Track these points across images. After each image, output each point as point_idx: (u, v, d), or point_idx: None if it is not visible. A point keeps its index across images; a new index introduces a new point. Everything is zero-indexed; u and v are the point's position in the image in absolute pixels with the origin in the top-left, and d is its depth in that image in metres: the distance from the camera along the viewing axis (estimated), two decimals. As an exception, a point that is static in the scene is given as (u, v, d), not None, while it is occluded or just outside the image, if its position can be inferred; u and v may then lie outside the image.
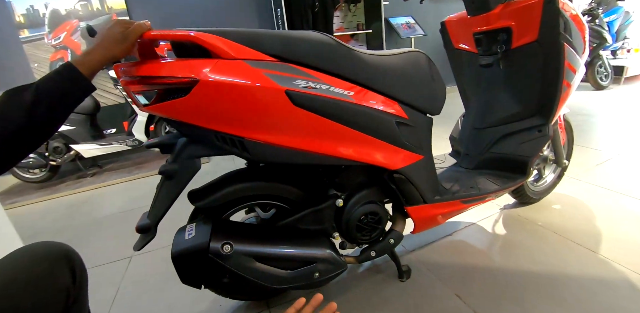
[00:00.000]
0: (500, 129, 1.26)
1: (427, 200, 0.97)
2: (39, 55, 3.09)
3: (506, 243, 1.28)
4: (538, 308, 0.96)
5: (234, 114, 0.69)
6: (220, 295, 1.00)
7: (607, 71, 3.92)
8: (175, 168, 0.78)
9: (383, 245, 0.98)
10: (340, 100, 0.76)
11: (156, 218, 0.80)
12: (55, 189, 2.66)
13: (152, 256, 1.50)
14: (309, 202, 0.92)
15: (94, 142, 2.75)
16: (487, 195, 1.11)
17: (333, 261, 0.86)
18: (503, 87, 1.27)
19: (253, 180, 0.89)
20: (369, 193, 0.95)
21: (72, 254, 0.64)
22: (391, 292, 1.08)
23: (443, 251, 1.27)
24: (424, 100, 0.94)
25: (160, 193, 0.81)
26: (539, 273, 1.10)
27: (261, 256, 0.79)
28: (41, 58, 3.10)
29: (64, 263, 0.61)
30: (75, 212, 2.18)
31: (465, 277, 1.11)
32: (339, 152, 0.79)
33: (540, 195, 1.53)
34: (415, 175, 0.92)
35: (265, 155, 0.75)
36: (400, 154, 0.89)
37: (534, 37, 1.12)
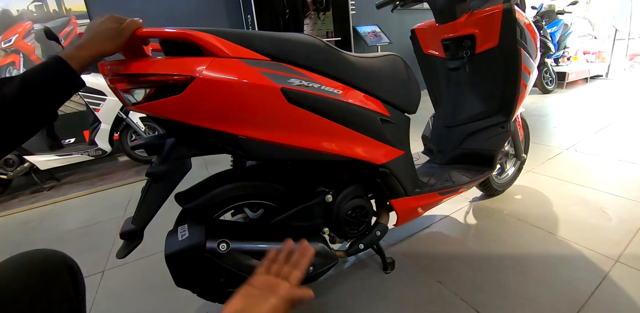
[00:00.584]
0: (468, 126, 1.37)
1: (409, 192, 1.04)
2: (-18, 60, 2.84)
3: (478, 231, 1.39)
4: (512, 286, 1.05)
5: (229, 112, 0.71)
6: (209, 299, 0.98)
7: (552, 77, 4.35)
8: (163, 170, 0.77)
9: (370, 237, 1.03)
10: (331, 98, 0.80)
11: (142, 223, 0.77)
12: (7, 206, 2.44)
13: (126, 268, 1.42)
14: (296, 200, 0.94)
15: (51, 153, 2.57)
16: (461, 186, 1.20)
17: (326, 254, 0.89)
18: (469, 89, 1.38)
19: (241, 180, 0.90)
20: (356, 189, 0.99)
21: (72, 263, 0.61)
22: (378, 283, 1.13)
23: (422, 242, 1.34)
24: (403, 99, 1.01)
25: (147, 196, 0.77)
26: (509, 255, 1.21)
27: (257, 253, 0.79)
28: (-12, 63, 2.86)
29: (65, 273, 0.58)
30: (32, 229, 2.00)
31: (445, 265, 1.19)
32: (331, 148, 0.83)
33: (503, 187, 1.67)
34: (397, 169, 0.98)
35: (259, 152, 0.76)
36: (384, 149, 0.95)
37: (495, 43, 1.24)
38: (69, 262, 0.60)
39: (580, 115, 3.14)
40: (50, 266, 0.56)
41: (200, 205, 0.84)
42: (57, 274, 0.56)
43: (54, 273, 0.56)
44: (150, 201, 0.77)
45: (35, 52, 2.97)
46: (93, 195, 2.45)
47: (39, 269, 0.55)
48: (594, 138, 2.42)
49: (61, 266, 0.58)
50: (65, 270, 0.58)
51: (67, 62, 0.57)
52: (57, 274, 0.56)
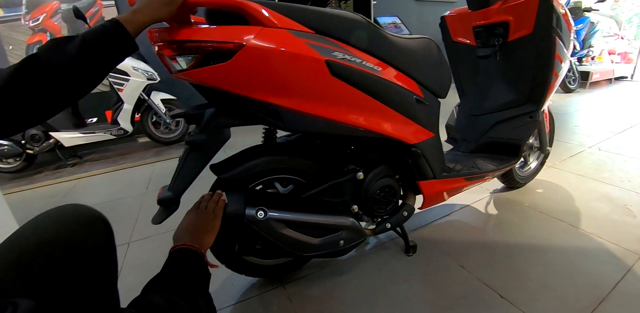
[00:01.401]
0: (495, 115, 1.36)
1: (437, 175, 1.04)
2: (14, 37, 2.90)
3: (498, 221, 1.39)
4: (531, 274, 1.06)
5: (273, 82, 0.72)
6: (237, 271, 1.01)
7: (575, 76, 4.25)
8: (202, 139, 0.78)
9: (397, 217, 1.04)
10: (371, 74, 0.81)
11: (179, 190, 0.79)
12: (32, 179, 2.52)
13: (151, 241, 1.47)
14: (326, 177, 0.96)
15: (75, 130, 2.63)
16: (486, 173, 1.20)
17: (356, 229, 0.91)
18: (498, 77, 1.37)
19: (275, 154, 0.92)
20: (386, 168, 1.00)
21: (105, 218, 0.63)
22: (400, 265, 1.14)
23: (443, 229, 1.35)
24: (435, 82, 1.01)
25: (185, 164, 0.79)
26: (529, 245, 1.21)
27: (292, 222, 0.82)
28: (17, 40, 2.92)
29: (100, 224, 0.60)
30: (56, 203, 2.04)
31: (466, 251, 1.19)
32: (367, 125, 0.84)
33: (525, 180, 1.66)
34: (428, 151, 0.99)
35: (298, 124, 0.78)
36: (417, 129, 0.95)
37: (529, 31, 1.22)
38: (100, 215, 0.62)
39: (603, 115, 3.07)
40: (86, 218, 0.59)
41: (236, 175, 0.86)
42: (93, 226, 0.58)
43: (90, 224, 0.58)
44: (188, 169, 0.79)
45: (62, 32, 3.02)
46: (114, 173, 2.52)
47: (77, 221, 0.57)
48: (618, 138, 2.37)
49: (95, 218, 0.60)
50: (100, 222, 0.60)
51: (124, 25, 0.59)
52: (92, 226, 0.58)
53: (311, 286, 1.09)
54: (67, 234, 0.55)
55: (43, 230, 0.55)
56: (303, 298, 1.04)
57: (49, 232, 0.54)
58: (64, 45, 0.55)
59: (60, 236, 0.54)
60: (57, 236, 0.54)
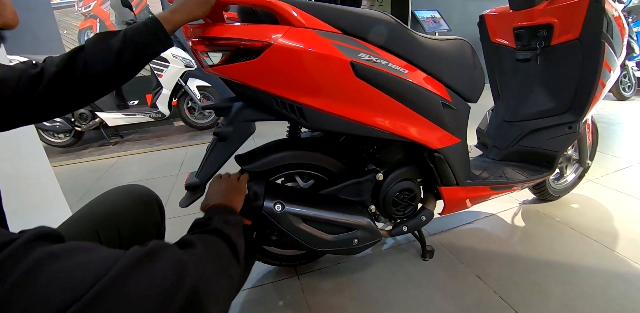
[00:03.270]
0: (531, 123, 1.28)
1: (460, 182, 1.01)
2: (68, 22, 3.12)
3: (525, 234, 1.33)
4: (554, 293, 1.01)
5: (299, 80, 0.73)
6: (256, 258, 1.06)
7: (631, 82, 3.87)
8: (229, 131, 0.82)
9: (415, 221, 1.03)
10: (397, 76, 0.80)
11: (206, 178, 0.84)
12: (79, 154, 2.74)
13: (179, 220, 1.55)
14: (347, 175, 0.96)
15: (118, 111, 2.81)
16: (515, 184, 1.14)
17: (371, 230, 0.91)
18: (538, 83, 1.29)
19: (298, 149, 0.93)
20: (407, 171, 0.99)
21: (158, 197, 0.75)
22: (414, 269, 1.14)
23: (464, 236, 1.32)
24: (466, 86, 0.97)
25: (212, 154, 0.84)
26: (556, 262, 1.15)
27: (308, 218, 0.84)
28: (71, 25, 3.14)
29: (154, 202, 0.71)
30: (99, 178, 2.24)
31: (486, 261, 1.16)
32: (389, 127, 0.83)
33: (560, 193, 1.56)
34: (452, 157, 0.96)
35: (320, 122, 0.79)
36: (441, 134, 0.93)
37: (575, 35, 1.13)
38: (156, 195, 0.74)
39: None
40: (146, 197, 0.70)
41: (259, 167, 0.88)
42: (151, 203, 0.70)
43: (149, 203, 0.70)
44: (214, 158, 0.84)
45: (110, 18, 3.20)
46: (151, 154, 2.68)
47: (139, 199, 0.69)
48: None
49: (152, 198, 0.72)
50: (155, 201, 0.72)
51: (162, 24, 0.64)
52: (150, 203, 0.70)
53: (324, 279, 1.12)
54: (132, 210, 0.66)
55: (115, 204, 0.66)
56: (315, 290, 1.07)
57: (119, 206, 0.66)
58: (108, 39, 0.60)
59: (126, 211, 0.65)
60: (123, 210, 0.65)
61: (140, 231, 0.66)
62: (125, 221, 0.64)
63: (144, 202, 0.69)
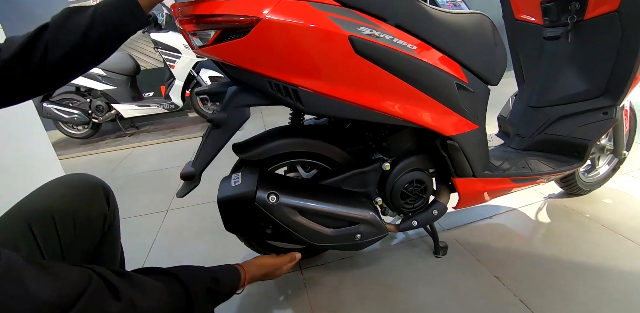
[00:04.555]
0: (560, 108, 1.16)
1: (477, 173, 0.92)
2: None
3: (550, 232, 1.22)
4: (581, 297, 0.91)
5: (292, 59, 0.66)
6: (256, 250, 1.02)
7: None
8: (224, 117, 0.78)
9: (426, 215, 0.95)
10: (403, 53, 0.71)
11: (201, 166, 0.81)
12: (96, 145, 2.80)
13: (186, 211, 1.56)
14: (352, 165, 0.89)
15: (133, 103, 2.83)
16: (539, 176, 1.04)
17: (376, 224, 0.84)
18: (568, 63, 1.15)
19: (299, 137, 0.87)
20: (417, 161, 0.91)
21: (107, 186, 0.68)
22: (426, 266, 1.06)
23: (481, 232, 1.22)
24: (485, 66, 0.87)
25: (207, 141, 0.81)
26: (584, 263, 1.04)
27: (306, 210, 0.78)
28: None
29: (100, 191, 0.64)
30: (114, 168, 2.28)
31: (505, 260, 1.07)
32: (395, 110, 0.75)
33: (590, 186, 1.43)
34: (468, 145, 0.87)
35: (318, 106, 0.72)
36: (456, 119, 0.84)
37: (613, 7, 0.99)
38: (103, 183, 0.67)
39: None
40: (88, 185, 0.63)
41: (256, 156, 0.83)
42: (95, 192, 0.63)
43: (92, 191, 0.63)
44: (209, 146, 0.80)
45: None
46: (165, 144, 2.70)
47: (79, 189, 0.62)
48: None
49: (97, 186, 0.65)
50: (101, 189, 0.65)
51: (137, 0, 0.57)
52: (94, 192, 0.63)
53: (327, 274, 1.06)
54: (70, 202, 0.59)
55: (49, 196, 0.59)
56: (318, 285, 1.02)
57: (54, 198, 0.59)
58: (76, 16, 0.54)
59: (63, 203, 0.58)
60: (60, 203, 0.58)
61: (82, 224, 0.59)
62: (63, 214, 0.57)
63: (86, 192, 0.62)
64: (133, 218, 1.56)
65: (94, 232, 0.61)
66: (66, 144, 2.95)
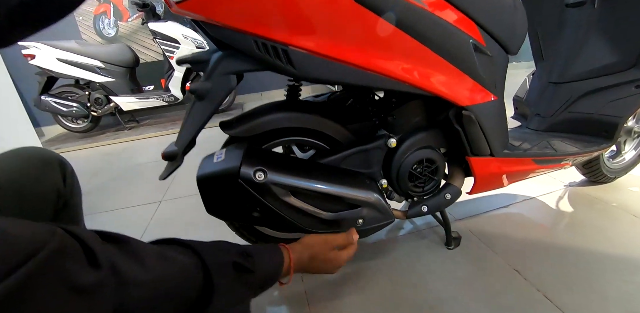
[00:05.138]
0: (585, 83, 1.04)
1: (495, 152, 0.81)
2: (83, 8, 3.09)
3: (574, 221, 1.10)
4: (614, 292, 0.80)
5: (279, 12, 0.57)
6: (246, 239, 0.92)
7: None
8: (207, 87, 0.70)
9: (437, 200, 0.84)
10: (413, 4, 0.61)
11: (184, 144, 0.73)
12: (96, 139, 2.74)
13: (180, 202, 1.49)
14: (353, 144, 0.80)
15: (132, 96, 2.77)
16: (565, 157, 0.92)
17: (381, 208, 0.74)
18: (595, 32, 1.03)
19: (294, 111, 0.78)
20: (427, 137, 0.80)
21: (64, 161, 0.60)
22: (437, 258, 0.96)
23: (497, 222, 1.11)
24: (504, 30, 0.76)
25: (189, 116, 0.74)
26: (614, 255, 0.92)
27: (299, 190, 0.67)
28: (85, 11, 3.11)
29: (56, 165, 0.57)
30: (112, 159, 2.23)
31: (525, 252, 0.96)
32: (402, 74, 0.64)
33: (616, 173, 1.30)
34: (485, 118, 0.76)
35: (312, 69, 0.62)
36: (472, 87, 0.73)
37: None
38: (60, 158, 0.59)
39: None
40: (41, 159, 0.56)
41: (246, 132, 0.75)
42: (48, 167, 0.56)
43: (44, 165, 0.55)
44: (192, 121, 0.72)
45: (123, 3, 3.14)
46: (164, 137, 2.64)
47: (30, 161, 0.55)
48: None
49: (52, 160, 0.57)
50: (56, 164, 0.57)
51: None
52: (47, 166, 0.56)
53: (327, 268, 0.97)
54: (18, 174, 0.52)
55: None
56: (317, 280, 0.92)
57: (4, 172, 0.51)
58: None
59: (10, 175, 0.51)
60: (8, 175, 0.51)
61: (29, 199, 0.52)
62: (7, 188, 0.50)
63: (38, 165, 0.55)
64: (125, 209, 1.49)
65: (43, 208, 0.54)
66: (66, 138, 2.91)
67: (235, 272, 0.46)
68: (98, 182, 1.85)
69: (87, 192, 1.74)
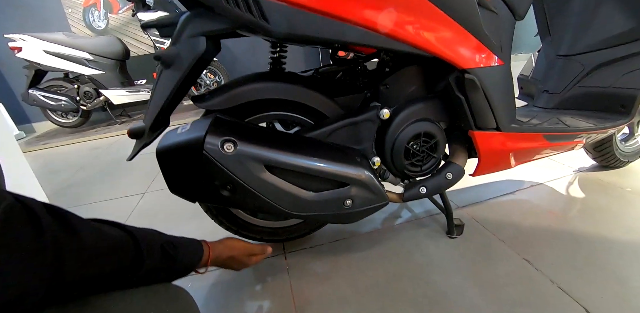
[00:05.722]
0: (598, 54, 0.95)
1: (502, 125, 0.72)
2: (72, 1, 3.01)
3: (586, 207, 1.01)
4: (635, 281, 0.71)
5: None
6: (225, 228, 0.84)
7: None
8: (174, 52, 0.62)
9: (437, 180, 0.74)
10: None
11: (151, 119, 0.66)
12: (85, 134, 2.67)
13: (164, 193, 1.40)
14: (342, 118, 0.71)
15: (122, 89, 2.68)
16: (579, 133, 0.83)
17: (373, 188, 0.64)
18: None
19: (275, 81, 0.69)
20: (424, 108, 0.71)
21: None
22: (439, 248, 0.87)
23: (502, 209, 1.02)
24: None
25: (157, 86, 0.66)
26: (632, 242, 0.84)
27: (275, 164, 0.58)
28: (75, 3, 3.02)
29: None
30: (98, 154, 2.14)
31: (534, 240, 0.87)
32: (394, 30, 0.55)
33: (629, 157, 1.21)
34: (490, 84, 0.67)
35: (292, 24, 0.54)
36: (476, 47, 0.64)
37: None
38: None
39: None
40: None
41: (220, 104, 0.67)
42: None
43: None
44: (160, 91, 0.65)
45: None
46: (154, 132, 2.54)
47: None
48: None
49: None
50: None
51: None
52: None
53: (316, 260, 0.88)
54: None
55: None
56: (304, 272, 0.84)
57: None
58: None
59: None
60: None
61: None
62: None
63: None
64: (107, 201, 1.41)
65: None
66: (56, 134, 2.83)
67: (162, 254, 0.48)
68: (84, 175, 1.77)
69: (71, 185, 1.68)
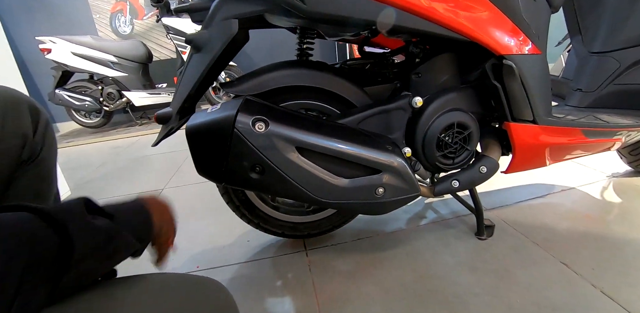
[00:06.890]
0: (636, 50, 0.91)
1: (539, 118, 0.69)
2: (101, 6, 3.12)
3: (625, 212, 0.96)
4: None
5: None
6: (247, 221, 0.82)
7: None
8: (205, 36, 0.62)
9: (471, 174, 0.71)
10: None
11: (179, 103, 0.66)
12: (107, 134, 2.73)
13: (182, 190, 1.41)
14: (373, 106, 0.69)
15: (144, 91, 2.74)
16: (618, 130, 0.79)
17: (405, 176, 0.61)
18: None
19: (303, 68, 0.68)
20: (458, 98, 0.68)
21: (40, 109, 0.52)
22: (468, 249, 0.83)
23: (534, 212, 0.98)
24: None
25: (187, 69, 0.66)
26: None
27: (307, 147, 0.56)
28: (103, 9, 3.14)
29: (24, 109, 0.49)
30: (118, 153, 2.18)
31: (571, 244, 0.82)
32: (431, 11, 0.54)
33: (668, 163, 1.15)
34: (528, 72, 0.64)
35: (326, 3, 0.52)
36: (514, 33, 0.62)
37: None
38: (35, 104, 0.51)
39: None
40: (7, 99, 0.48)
41: (248, 89, 0.66)
42: (14, 107, 0.48)
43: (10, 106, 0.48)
44: (189, 75, 0.65)
45: (139, 1, 3.16)
46: (175, 132, 2.58)
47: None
48: None
49: (21, 102, 0.49)
50: (25, 107, 0.50)
51: None
52: (13, 107, 0.48)
53: (340, 257, 0.85)
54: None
55: None
56: (327, 269, 0.81)
57: None
58: None
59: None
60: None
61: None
62: None
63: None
64: (124, 196, 1.41)
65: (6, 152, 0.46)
66: (79, 133, 2.91)
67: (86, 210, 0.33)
68: (104, 172, 1.80)
69: (91, 180, 1.70)
